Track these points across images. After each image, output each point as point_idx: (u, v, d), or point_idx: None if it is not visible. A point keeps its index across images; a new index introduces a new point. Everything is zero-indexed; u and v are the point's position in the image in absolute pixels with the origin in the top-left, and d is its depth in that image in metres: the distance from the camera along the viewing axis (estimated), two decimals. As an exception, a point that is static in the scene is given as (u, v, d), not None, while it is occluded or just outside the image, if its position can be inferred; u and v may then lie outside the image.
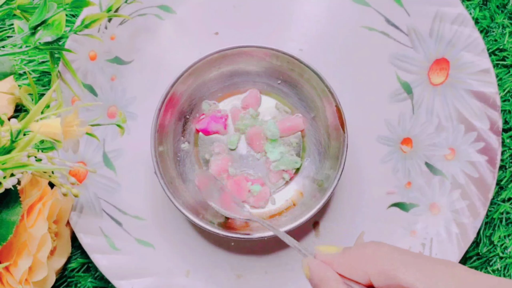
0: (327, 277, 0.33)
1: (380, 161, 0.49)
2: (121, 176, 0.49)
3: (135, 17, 0.49)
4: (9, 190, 0.38)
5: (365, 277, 0.31)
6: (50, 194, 0.43)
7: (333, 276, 0.33)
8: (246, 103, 0.49)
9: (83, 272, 0.50)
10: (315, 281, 0.33)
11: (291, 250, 0.49)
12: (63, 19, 0.41)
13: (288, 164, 0.48)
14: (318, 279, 0.33)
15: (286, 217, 0.47)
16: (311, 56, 0.49)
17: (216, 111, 0.49)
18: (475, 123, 0.48)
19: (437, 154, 0.48)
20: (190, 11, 0.50)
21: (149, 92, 0.49)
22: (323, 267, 0.33)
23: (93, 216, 0.48)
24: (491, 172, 0.47)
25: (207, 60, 0.46)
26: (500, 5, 0.51)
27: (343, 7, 0.50)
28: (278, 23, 0.50)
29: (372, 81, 0.49)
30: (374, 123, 0.49)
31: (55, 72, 0.45)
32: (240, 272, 0.48)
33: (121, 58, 0.50)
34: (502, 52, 0.51)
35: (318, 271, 0.33)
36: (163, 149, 0.46)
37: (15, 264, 0.40)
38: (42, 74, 0.51)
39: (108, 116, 0.50)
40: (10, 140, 0.35)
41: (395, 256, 0.31)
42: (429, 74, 0.49)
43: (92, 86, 0.49)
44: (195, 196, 0.48)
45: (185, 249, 0.49)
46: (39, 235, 0.41)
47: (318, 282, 0.33)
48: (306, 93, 0.48)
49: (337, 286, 0.32)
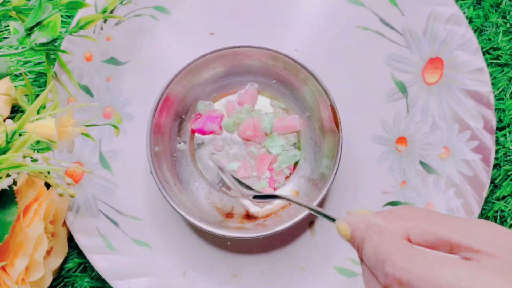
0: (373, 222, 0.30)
1: (376, 161, 0.49)
2: (118, 177, 0.49)
3: (130, 18, 0.50)
4: (5, 191, 0.38)
5: (404, 233, 0.30)
6: (46, 194, 0.44)
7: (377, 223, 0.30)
8: (242, 99, 0.49)
9: (80, 272, 0.50)
10: (360, 235, 0.31)
11: (287, 250, 0.49)
12: (58, 20, 0.41)
13: (289, 159, 0.48)
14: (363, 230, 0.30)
15: (282, 216, 0.47)
16: (306, 56, 0.49)
17: (211, 111, 0.49)
18: (469, 122, 0.48)
19: (432, 153, 0.49)
20: (186, 12, 0.50)
21: (144, 93, 0.50)
22: (365, 218, 0.31)
23: (89, 216, 0.48)
24: (486, 171, 0.47)
25: (203, 60, 0.46)
26: (494, 4, 0.51)
27: (338, 7, 0.50)
28: (273, 23, 0.50)
29: (367, 81, 0.49)
30: (369, 122, 0.49)
31: (50, 73, 0.46)
32: (237, 272, 0.49)
33: (116, 59, 0.50)
34: (496, 51, 0.51)
35: (361, 223, 0.31)
36: (159, 149, 0.47)
37: (11, 264, 0.41)
38: (38, 75, 0.51)
39: (104, 117, 0.50)
40: (6, 141, 0.35)
41: (431, 214, 0.30)
42: (423, 74, 0.49)
43: (88, 87, 0.49)
44: (191, 196, 0.48)
45: (181, 249, 0.49)
46: (35, 235, 0.41)
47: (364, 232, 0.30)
48: (301, 93, 0.48)
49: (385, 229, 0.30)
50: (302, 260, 0.49)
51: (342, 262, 0.48)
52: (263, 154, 0.48)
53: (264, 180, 0.48)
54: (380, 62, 0.49)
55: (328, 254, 0.48)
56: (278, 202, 0.48)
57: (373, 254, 0.30)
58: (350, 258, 0.48)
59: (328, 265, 0.48)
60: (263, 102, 0.50)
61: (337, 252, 0.48)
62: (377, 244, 0.30)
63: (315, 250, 0.49)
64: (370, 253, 0.30)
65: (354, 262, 0.48)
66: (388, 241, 0.29)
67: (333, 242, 0.48)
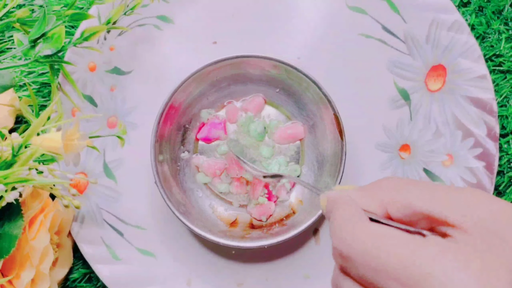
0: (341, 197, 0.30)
1: (379, 168, 0.49)
2: (122, 186, 0.49)
3: (134, 27, 0.50)
4: (11, 203, 0.38)
5: (381, 208, 0.29)
6: (52, 205, 0.44)
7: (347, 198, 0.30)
8: (246, 106, 0.49)
9: (85, 282, 0.50)
10: (330, 206, 0.31)
11: (292, 258, 0.49)
12: (62, 32, 0.41)
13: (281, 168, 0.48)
14: (334, 200, 0.31)
15: (286, 225, 0.47)
16: (309, 64, 0.49)
17: (214, 118, 0.49)
18: (473, 129, 0.48)
19: (435, 160, 0.49)
20: (189, 21, 0.50)
21: (148, 102, 0.50)
22: (340, 194, 0.31)
23: (94, 226, 0.48)
24: (489, 178, 0.47)
25: (206, 70, 0.46)
26: (496, 11, 0.51)
27: (340, 15, 0.50)
28: (276, 31, 0.51)
29: (370, 88, 0.50)
30: (372, 130, 0.49)
31: (55, 83, 0.46)
32: (241, 280, 0.49)
33: (120, 69, 0.50)
34: (499, 58, 0.51)
35: (335, 198, 0.31)
36: (163, 158, 0.47)
37: (17, 276, 0.41)
38: (42, 85, 0.51)
39: (108, 126, 0.50)
40: (12, 154, 0.35)
41: (410, 186, 0.29)
42: (426, 81, 0.49)
43: (92, 97, 0.49)
44: (195, 205, 0.48)
45: (186, 258, 0.49)
46: (41, 247, 0.41)
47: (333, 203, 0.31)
48: (305, 101, 0.48)
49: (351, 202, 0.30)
50: (307, 268, 0.49)
51: (346, 270, 0.48)
52: (256, 178, 0.48)
53: (262, 196, 0.48)
54: (382, 69, 0.50)
55: (333, 261, 0.48)
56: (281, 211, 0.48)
57: (330, 223, 0.30)
58: (355, 266, 0.48)
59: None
60: (267, 110, 0.50)
61: (341, 260, 0.48)
62: (335, 217, 0.29)
63: (319, 257, 0.49)
64: (330, 225, 0.30)
65: (359, 270, 0.48)
66: (345, 215, 0.29)
67: (337, 250, 0.48)
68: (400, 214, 0.29)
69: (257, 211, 0.48)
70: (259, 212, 0.48)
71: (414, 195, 0.28)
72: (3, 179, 0.34)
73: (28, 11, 0.44)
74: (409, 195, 0.29)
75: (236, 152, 0.47)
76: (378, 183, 0.31)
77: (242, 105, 0.49)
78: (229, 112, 0.49)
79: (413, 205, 0.28)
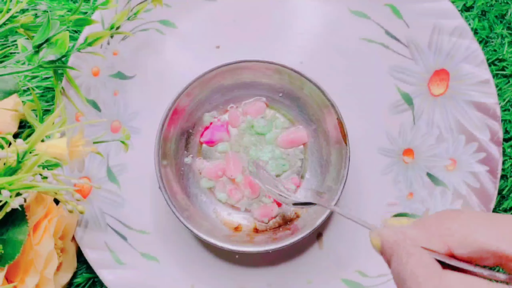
0: (403, 240, 0.28)
1: (381, 172, 0.49)
2: (125, 191, 0.49)
3: (137, 32, 0.50)
4: (15, 209, 0.38)
5: (444, 247, 0.28)
6: (56, 210, 0.44)
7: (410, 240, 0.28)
8: (247, 109, 0.49)
9: (89, 286, 0.50)
10: (389, 250, 0.29)
11: (295, 262, 0.49)
12: (66, 38, 0.41)
13: (277, 168, 0.48)
14: (392, 244, 0.29)
15: (290, 229, 0.47)
16: (311, 69, 0.49)
17: (216, 120, 0.49)
18: (476, 133, 0.48)
19: (438, 164, 0.49)
20: (191, 25, 0.51)
21: (151, 107, 0.50)
22: (398, 233, 0.29)
23: (98, 231, 0.49)
24: (493, 182, 0.47)
25: (210, 74, 0.46)
26: (499, 15, 0.52)
27: (342, 19, 0.50)
28: (279, 36, 0.51)
29: (373, 93, 0.50)
30: (375, 134, 0.49)
31: (58, 88, 0.46)
32: (244, 285, 0.49)
33: (123, 73, 0.50)
34: (502, 62, 0.51)
35: (393, 238, 0.29)
36: (166, 163, 0.47)
37: (22, 281, 0.41)
38: (46, 89, 0.51)
39: (111, 131, 0.50)
40: (17, 161, 0.35)
41: (473, 220, 0.28)
42: (429, 85, 0.49)
43: (96, 101, 0.50)
44: (198, 210, 0.48)
45: (189, 262, 0.49)
46: (45, 252, 0.41)
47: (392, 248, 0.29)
48: (308, 106, 0.48)
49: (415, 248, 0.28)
50: (310, 273, 0.49)
51: (350, 275, 0.48)
52: (247, 177, 0.48)
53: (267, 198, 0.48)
54: (385, 74, 0.50)
55: (336, 266, 0.49)
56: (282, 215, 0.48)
57: (397, 274, 0.28)
58: (358, 270, 0.48)
59: (336, 278, 0.48)
60: (270, 115, 0.50)
61: (345, 264, 0.48)
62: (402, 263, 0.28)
63: (323, 262, 0.49)
64: (394, 271, 0.29)
65: (362, 275, 0.48)
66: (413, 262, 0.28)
67: (341, 254, 0.49)
68: (465, 252, 0.27)
69: (260, 212, 0.48)
70: (262, 213, 0.48)
71: (480, 232, 0.27)
72: (8, 185, 0.34)
73: (31, 16, 0.44)
74: (474, 231, 0.27)
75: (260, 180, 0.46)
76: (436, 220, 0.29)
77: (243, 109, 0.49)
78: (231, 116, 0.49)
79: (480, 243, 0.27)
